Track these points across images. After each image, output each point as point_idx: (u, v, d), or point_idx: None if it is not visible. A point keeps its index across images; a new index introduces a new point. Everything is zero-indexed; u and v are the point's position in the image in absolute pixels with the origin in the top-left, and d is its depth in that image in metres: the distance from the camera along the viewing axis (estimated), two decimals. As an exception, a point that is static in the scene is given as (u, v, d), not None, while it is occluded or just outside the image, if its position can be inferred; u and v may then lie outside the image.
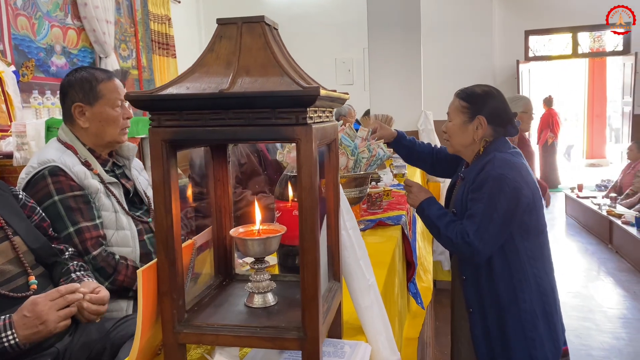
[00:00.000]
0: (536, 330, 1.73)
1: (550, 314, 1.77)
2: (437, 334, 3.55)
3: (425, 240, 3.44)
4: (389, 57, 4.46)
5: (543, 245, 1.81)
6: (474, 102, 1.83)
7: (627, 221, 5.14)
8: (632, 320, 3.74)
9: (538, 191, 1.78)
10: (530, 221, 1.76)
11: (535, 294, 1.75)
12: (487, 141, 1.84)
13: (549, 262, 1.84)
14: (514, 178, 1.70)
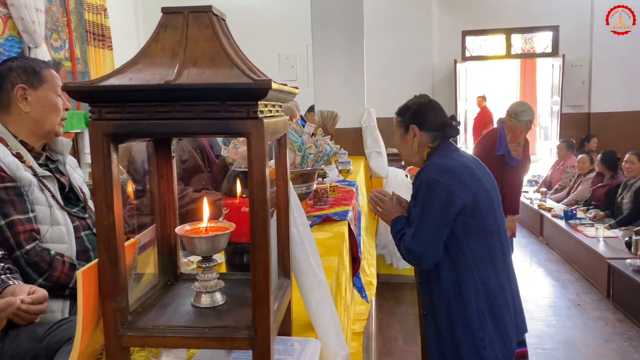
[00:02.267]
0: (484, 331, 1.74)
1: (500, 314, 1.77)
2: (380, 327, 3.62)
3: (369, 235, 3.50)
4: (333, 54, 4.48)
5: (492, 247, 1.80)
6: (405, 114, 1.94)
7: (556, 214, 5.43)
8: (561, 308, 3.97)
9: (485, 193, 1.80)
10: (474, 222, 1.77)
11: (482, 294, 1.76)
12: (430, 147, 1.90)
13: (501, 263, 1.82)
14: (447, 182, 1.75)
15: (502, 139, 3.59)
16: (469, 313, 1.75)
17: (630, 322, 3.60)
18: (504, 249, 1.85)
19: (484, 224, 1.79)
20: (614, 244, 4.36)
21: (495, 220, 1.82)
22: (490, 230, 1.80)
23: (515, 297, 1.87)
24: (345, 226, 1.96)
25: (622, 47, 8.07)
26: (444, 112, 1.97)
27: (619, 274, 3.83)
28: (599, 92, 8.29)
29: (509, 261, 1.89)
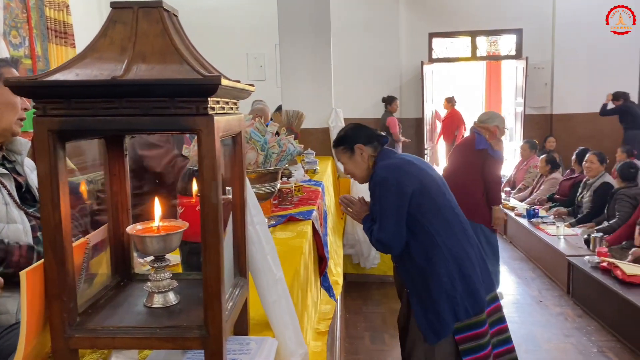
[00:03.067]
0: (455, 290, 2.05)
1: (468, 274, 2.08)
2: (347, 326, 3.63)
3: (335, 235, 3.51)
4: (300, 55, 4.48)
5: (448, 218, 2.13)
6: (344, 142, 2.26)
7: (520, 213, 5.57)
8: (523, 305, 4.06)
9: (429, 176, 2.16)
10: (427, 202, 2.10)
11: (450, 260, 2.07)
12: (373, 156, 2.23)
13: (460, 231, 2.14)
14: (394, 176, 2.10)
15: (481, 137, 3.76)
16: (441, 277, 2.05)
17: (588, 317, 3.72)
18: (460, 219, 2.19)
19: (436, 201, 2.13)
20: (573, 241, 4.49)
21: (445, 196, 2.17)
22: (442, 205, 2.14)
23: (480, 260, 2.17)
24: (309, 226, 1.96)
25: (582, 50, 8.33)
26: (366, 128, 2.31)
27: (578, 270, 3.94)
28: (561, 94, 8.53)
29: (467, 229, 2.19)
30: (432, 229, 2.08)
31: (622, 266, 3.51)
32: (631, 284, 3.39)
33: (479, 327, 2.08)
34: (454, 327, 2.06)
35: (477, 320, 2.07)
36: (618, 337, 3.37)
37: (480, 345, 2.08)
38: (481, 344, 2.08)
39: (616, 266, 3.55)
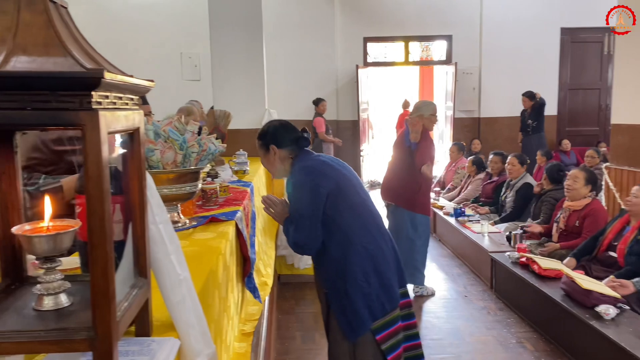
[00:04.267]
0: (371, 287, 2.10)
1: (382, 271, 2.14)
2: (279, 327, 3.63)
3: (266, 236, 3.50)
4: (232, 55, 4.44)
5: (362, 215, 2.18)
6: (263, 138, 2.31)
7: (448, 212, 5.78)
8: (450, 300, 4.22)
9: (343, 176, 2.21)
10: (342, 201, 2.14)
11: (365, 256, 2.12)
12: (291, 158, 2.27)
13: (375, 228, 2.20)
14: (310, 178, 2.15)
15: (408, 135, 4.20)
16: (357, 275, 2.10)
17: (509, 310, 3.91)
18: (374, 216, 2.24)
19: (351, 200, 2.18)
20: (497, 238, 4.71)
21: (359, 195, 2.23)
22: (357, 203, 2.20)
23: (394, 255, 2.25)
24: (232, 226, 1.94)
25: (507, 56, 8.78)
26: (294, 128, 2.33)
27: (499, 266, 4.14)
28: (487, 98, 8.95)
29: (380, 225, 2.26)
30: (348, 227, 2.13)
31: (539, 261, 3.72)
32: (547, 278, 3.60)
33: (395, 323, 2.17)
34: (372, 327, 2.10)
35: (393, 316, 2.16)
36: (535, 328, 3.56)
37: (398, 342, 2.17)
38: (399, 339, 2.17)
39: (533, 261, 3.75)
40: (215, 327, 1.51)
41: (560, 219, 4.28)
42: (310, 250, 2.18)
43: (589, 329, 2.93)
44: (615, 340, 2.71)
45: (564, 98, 9.05)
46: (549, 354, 3.22)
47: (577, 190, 4.12)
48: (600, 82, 8.98)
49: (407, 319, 2.28)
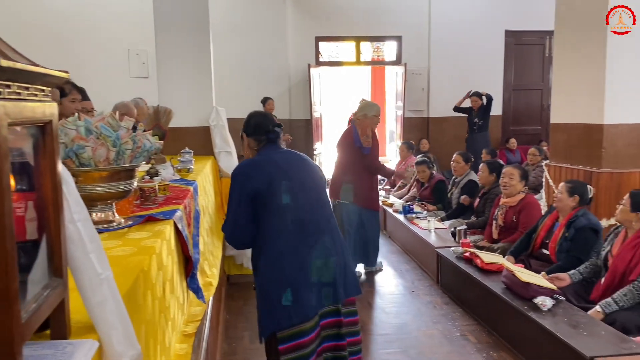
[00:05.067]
0: (279, 295, 2.08)
1: (293, 281, 2.08)
2: (227, 327, 3.59)
3: (213, 236, 3.44)
4: (178, 52, 4.36)
5: (287, 222, 2.14)
6: (244, 126, 2.42)
7: (397, 209, 5.87)
8: (398, 296, 4.29)
9: (286, 178, 2.19)
10: (270, 202, 2.16)
11: (276, 266, 2.11)
12: (255, 150, 2.36)
13: (299, 238, 2.14)
14: (245, 172, 2.22)
15: (356, 135, 4.53)
16: (265, 281, 2.14)
17: (454, 304, 4.01)
18: (304, 223, 2.16)
19: (279, 204, 2.14)
20: (442, 234, 4.83)
21: (297, 200, 2.17)
22: (285, 208, 2.14)
23: (321, 267, 2.13)
24: (169, 225, 1.89)
25: (454, 58, 9.01)
26: (268, 121, 2.37)
27: (445, 261, 4.25)
28: (435, 98, 9.16)
29: (312, 233, 2.16)
30: (268, 230, 2.13)
31: (481, 255, 3.83)
32: (489, 271, 3.72)
33: (302, 336, 2.06)
34: (278, 335, 2.08)
35: (301, 329, 2.06)
36: (478, 321, 3.67)
37: (302, 356, 2.07)
38: (303, 354, 2.06)
39: (476, 255, 3.87)
40: (149, 328, 1.47)
41: (499, 216, 4.43)
42: (237, 243, 2.28)
43: (528, 320, 3.04)
44: (551, 330, 2.82)
45: (508, 98, 9.37)
46: (490, 345, 3.32)
47: (513, 186, 4.28)
48: (542, 83, 9.35)
49: (333, 339, 2.17)
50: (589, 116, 4.73)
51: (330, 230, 2.23)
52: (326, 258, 2.14)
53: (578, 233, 3.57)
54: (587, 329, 2.81)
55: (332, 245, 2.19)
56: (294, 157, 2.33)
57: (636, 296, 2.99)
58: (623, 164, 4.59)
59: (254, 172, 2.18)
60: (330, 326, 2.16)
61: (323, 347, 2.16)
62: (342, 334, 2.18)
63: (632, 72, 4.52)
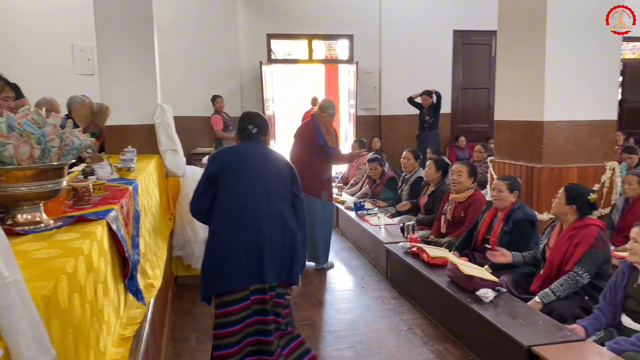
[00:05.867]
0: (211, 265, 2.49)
1: (224, 258, 2.44)
2: (173, 329, 3.52)
3: (157, 236, 3.36)
4: (120, 48, 4.22)
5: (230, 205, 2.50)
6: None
7: (349, 206, 5.91)
8: (348, 292, 4.32)
9: (241, 167, 2.56)
10: (221, 185, 2.53)
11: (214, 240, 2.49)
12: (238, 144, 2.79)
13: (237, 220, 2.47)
14: (213, 156, 2.63)
15: (320, 133, 4.71)
16: (206, 253, 2.52)
17: (402, 299, 4.08)
18: (245, 208, 2.48)
19: (229, 187, 2.52)
20: (392, 230, 4.90)
21: (244, 187, 2.52)
22: (232, 191, 2.51)
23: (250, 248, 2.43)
24: (101, 226, 1.83)
25: (404, 56, 9.15)
26: (248, 119, 2.74)
27: (393, 256, 4.31)
28: (387, 97, 9.28)
29: (247, 219, 2.47)
30: (218, 209, 2.50)
31: (428, 250, 3.91)
32: (435, 265, 3.80)
33: (231, 305, 2.44)
34: (215, 302, 2.49)
35: (230, 299, 2.44)
36: (425, 314, 3.74)
37: (230, 322, 2.43)
38: (231, 320, 2.43)
39: (423, 250, 3.94)
40: (78, 333, 1.41)
41: (447, 211, 4.53)
42: (194, 214, 2.65)
43: (470, 312, 3.12)
44: (491, 321, 2.91)
45: (457, 97, 9.61)
46: (436, 338, 3.39)
47: (462, 183, 4.39)
48: (489, 82, 9.60)
49: (261, 314, 2.46)
50: (530, 114, 4.90)
51: (269, 217, 2.49)
52: (257, 241, 2.44)
53: (516, 226, 3.70)
54: (526, 319, 2.91)
55: (266, 231, 2.46)
56: (258, 151, 2.67)
57: (572, 286, 3.13)
58: (562, 160, 4.79)
59: (219, 157, 2.59)
60: (258, 302, 2.45)
61: (254, 320, 2.46)
62: (268, 310, 2.46)
63: (570, 71, 4.72)
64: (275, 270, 2.44)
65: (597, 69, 4.81)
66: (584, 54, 4.74)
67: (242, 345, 2.45)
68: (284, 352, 2.52)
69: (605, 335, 2.83)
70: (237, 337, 2.43)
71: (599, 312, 2.89)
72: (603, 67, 4.85)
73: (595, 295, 3.04)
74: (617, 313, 2.84)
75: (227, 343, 2.43)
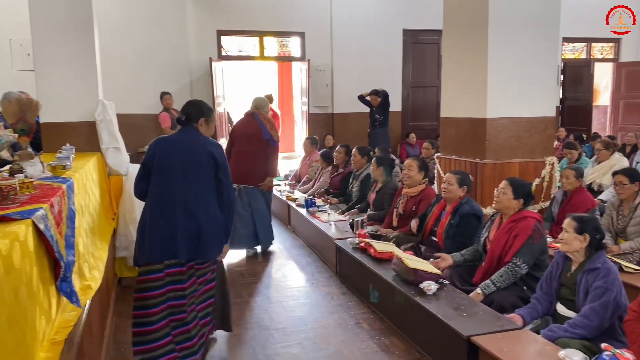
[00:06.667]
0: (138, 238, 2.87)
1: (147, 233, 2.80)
2: (115, 332, 3.42)
3: (97, 236, 3.26)
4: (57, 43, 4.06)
5: (158, 189, 2.82)
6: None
7: (300, 204, 5.91)
8: (298, 289, 4.31)
9: (169, 153, 2.84)
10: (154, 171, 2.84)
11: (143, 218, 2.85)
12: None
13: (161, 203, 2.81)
14: (151, 144, 2.91)
15: (264, 128, 5.03)
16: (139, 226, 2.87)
17: (351, 294, 4.11)
18: (165, 194, 2.80)
19: (154, 176, 2.84)
20: (342, 226, 4.92)
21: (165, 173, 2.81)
22: (158, 178, 2.82)
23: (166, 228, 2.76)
24: (25, 225, 1.74)
25: (356, 55, 9.23)
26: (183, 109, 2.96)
27: (342, 252, 4.33)
28: (339, 95, 9.33)
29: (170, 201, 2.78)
30: (148, 194, 2.85)
31: (375, 245, 3.96)
32: (382, 260, 3.84)
33: (150, 274, 2.78)
34: (139, 271, 2.83)
35: (149, 269, 2.78)
36: (372, 309, 3.79)
37: (148, 287, 2.78)
38: (149, 286, 2.78)
39: (370, 245, 3.98)
40: (-3, 337, 1.35)
41: (399, 205, 4.60)
42: (137, 197, 2.97)
43: (414, 304, 3.18)
44: (434, 313, 2.97)
45: (407, 95, 9.77)
46: (382, 331, 3.43)
47: (412, 177, 4.47)
48: (437, 81, 9.80)
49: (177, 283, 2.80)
50: (473, 111, 5.04)
51: (187, 202, 2.78)
52: (173, 223, 2.75)
53: (462, 219, 3.80)
54: (467, 310, 2.99)
55: (183, 214, 2.76)
56: (184, 140, 2.88)
57: (511, 276, 3.24)
58: (504, 155, 4.95)
59: (152, 147, 2.88)
60: (173, 274, 2.78)
61: (168, 289, 2.78)
62: (184, 279, 2.80)
63: (511, 70, 4.88)
64: (187, 249, 2.76)
65: (537, 68, 5.00)
66: (525, 54, 4.91)
67: (160, 309, 2.78)
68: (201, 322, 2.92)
69: (542, 323, 2.94)
70: (155, 301, 2.77)
71: (536, 301, 3.00)
72: (542, 67, 5.04)
73: (534, 286, 3.15)
74: (553, 302, 2.96)
75: (145, 305, 2.77)
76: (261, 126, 5.03)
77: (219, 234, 2.88)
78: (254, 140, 5.00)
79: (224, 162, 2.88)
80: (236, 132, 5.20)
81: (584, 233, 2.74)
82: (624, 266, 3.53)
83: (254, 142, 5.00)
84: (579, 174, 4.45)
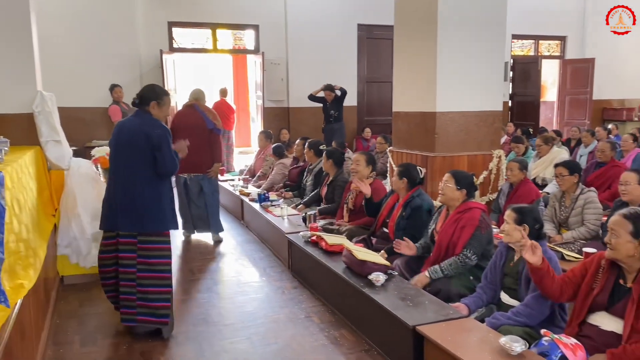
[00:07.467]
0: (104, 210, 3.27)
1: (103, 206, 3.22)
2: (56, 332, 3.28)
3: (34, 233, 3.10)
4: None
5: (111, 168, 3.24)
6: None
7: (253, 198, 5.84)
8: (249, 284, 4.25)
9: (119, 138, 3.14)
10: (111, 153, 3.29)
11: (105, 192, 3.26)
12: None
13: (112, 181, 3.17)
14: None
15: (207, 118, 5.21)
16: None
17: (302, 288, 4.08)
18: (113, 174, 3.17)
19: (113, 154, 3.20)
20: (295, 220, 4.89)
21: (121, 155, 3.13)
22: (110, 162, 3.26)
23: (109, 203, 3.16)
24: (-60, 220, 1.63)
25: (311, 49, 9.20)
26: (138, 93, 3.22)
27: (294, 246, 4.30)
28: (295, 89, 9.29)
29: (114, 181, 3.15)
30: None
31: (326, 238, 3.95)
32: (332, 253, 3.84)
33: (106, 239, 3.20)
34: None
35: (106, 235, 3.21)
36: (323, 302, 3.77)
37: (103, 250, 3.21)
38: (104, 249, 3.19)
39: (322, 238, 3.97)
40: None
41: (349, 200, 4.61)
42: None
43: (363, 296, 3.18)
44: (381, 303, 2.99)
45: (362, 90, 9.82)
46: (332, 324, 3.42)
47: (360, 172, 4.47)
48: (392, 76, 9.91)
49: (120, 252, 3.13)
50: (424, 105, 5.11)
51: (124, 182, 3.10)
52: (114, 198, 3.12)
53: (413, 212, 3.83)
54: (413, 300, 3.02)
55: (120, 191, 3.11)
56: (131, 125, 3.15)
57: (460, 267, 3.30)
58: (453, 148, 5.04)
59: (113, 131, 3.22)
60: (119, 243, 3.12)
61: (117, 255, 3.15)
62: (126, 249, 3.11)
63: (460, 65, 4.96)
64: (128, 223, 3.08)
65: (485, 64, 5.11)
66: (473, 51, 5.01)
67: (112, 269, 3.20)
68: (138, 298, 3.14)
69: (486, 311, 3.00)
70: (109, 262, 3.19)
71: (481, 290, 3.07)
72: (490, 62, 5.15)
73: (480, 275, 3.21)
74: (497, 291, 3.03)
75: (102, 264, 3.23)
76: (204, 116, 5.19)
77: (155, 209, 3.13)
78: (198, 131, 5.09)
79: (160, 141, 3.06)
80: (177, 124, 5.24)
81: (523, 224, 2.80)
82: (566, 255, 3.65)
83: (198, 133, 5.08)
84: (523, 166, 4.58)
